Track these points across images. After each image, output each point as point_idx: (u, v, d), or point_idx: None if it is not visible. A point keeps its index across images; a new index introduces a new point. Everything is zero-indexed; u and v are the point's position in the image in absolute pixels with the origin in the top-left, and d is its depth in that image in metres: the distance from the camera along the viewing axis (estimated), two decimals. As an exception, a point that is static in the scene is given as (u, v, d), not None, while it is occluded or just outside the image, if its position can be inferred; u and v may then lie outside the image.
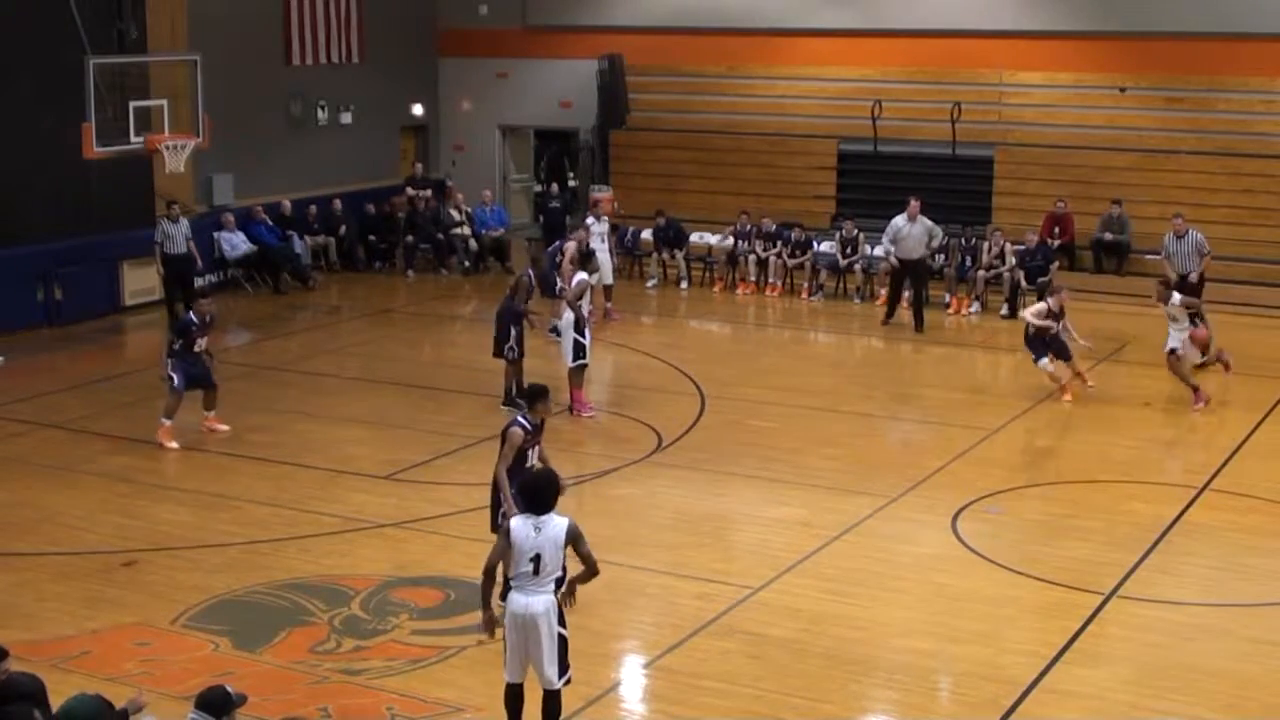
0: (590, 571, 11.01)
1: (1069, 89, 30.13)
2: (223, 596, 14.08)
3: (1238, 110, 28.81)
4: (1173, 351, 20.82)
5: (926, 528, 16.09)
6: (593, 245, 25.61)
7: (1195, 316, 21.32)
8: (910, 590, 14.39)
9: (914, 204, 25.96)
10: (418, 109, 35.52)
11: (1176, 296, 21.08)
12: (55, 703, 8.94)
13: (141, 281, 27.07)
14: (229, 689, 9.12)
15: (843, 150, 31.33)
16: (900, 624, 13.55)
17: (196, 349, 19.15)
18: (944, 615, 13.72)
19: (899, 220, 25.97)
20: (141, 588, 14.41)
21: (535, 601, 10.60)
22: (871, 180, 30.67)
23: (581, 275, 20.57)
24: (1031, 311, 21.44)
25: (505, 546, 10.69)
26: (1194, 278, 24.16)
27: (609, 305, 26.43)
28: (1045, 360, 20.97)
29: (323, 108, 32.76)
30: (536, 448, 13.80)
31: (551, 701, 10.83)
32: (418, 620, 13.47)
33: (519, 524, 10.71)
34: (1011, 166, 29.89)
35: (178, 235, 25.83)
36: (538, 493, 10.90)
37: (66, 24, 21.79)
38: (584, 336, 20.14)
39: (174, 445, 18.79)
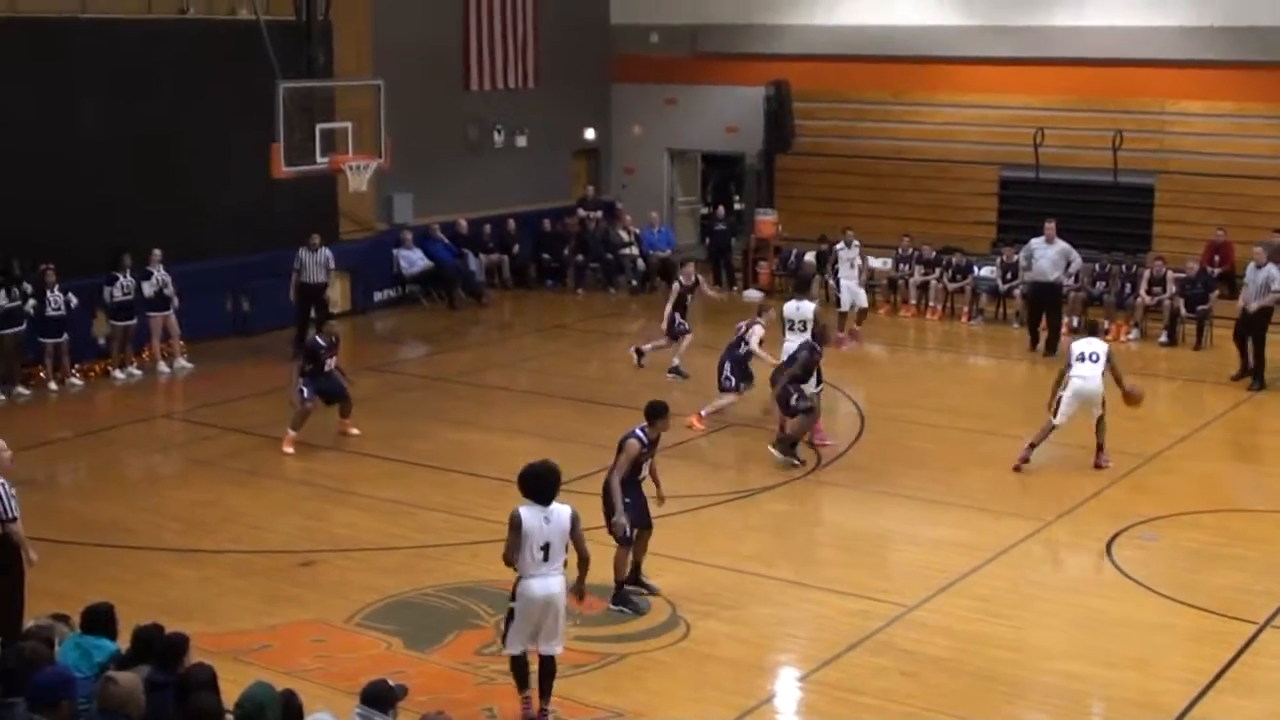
0: (582, 558, 11.74)
1: (1230, 118, 29.60)
2: (395, 597, 14.26)
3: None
4: None
5: (1081, 552, 15.90)
6: (841, 272, 26.25)
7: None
8: (1063, 614, 14.21)
9: (1050, 226, 25.75)
10: (590, 133, 35.73)
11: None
12: (231, 692, 9.11)
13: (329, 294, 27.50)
14: (390, 682, 9.20)
15: (1004, 177, 31.06)
16: (1053, 647, 13.38)
17: (327, 369, 19.65)
18: (1097, 639, 13.53)
19: (1036, 242, 25.80)
20: (318, 587, 14.64)
21: (554, 583, 11.30)
22: (1032, 207, 30.21)
23: (810, 303, 20.87)
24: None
25: (516, 539, 11.28)
26: (1252, 308, 23.52)
27: (857, 328, 26.47)
28: None
29: (499, 131, 33.06)
30: (649, 461, 14.16)
31: (551, 663, 11.53)
32: (580, 627, 13.52)
33: (529, 515, 11.29)
34: (1172, 194, 29.42)
35: (313, 264, 25.84)
36: (541, 482, 11.44)
37: (259, 50, 22.18)
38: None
39: (291, 451, 19.28)
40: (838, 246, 27.25)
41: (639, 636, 13.44)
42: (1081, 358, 18.73)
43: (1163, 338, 26.49)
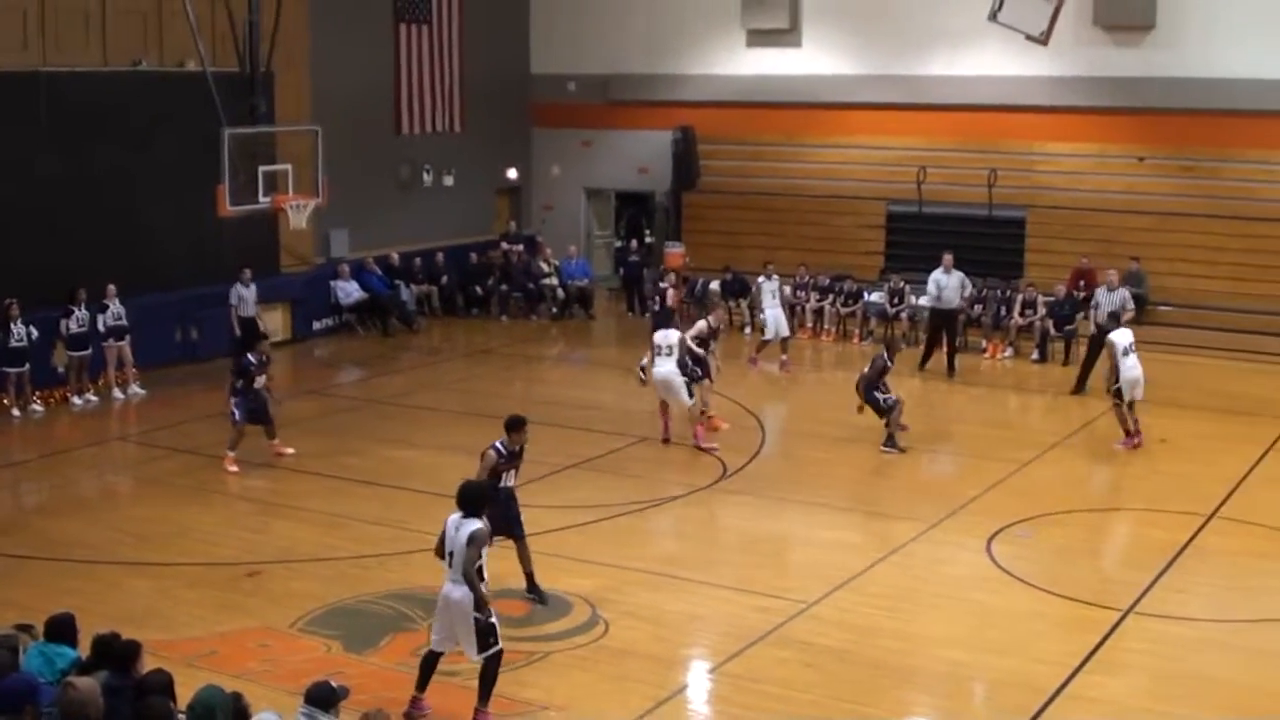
0: (465, 575, 11.35)
1: (1093, 158, 29.95)
2: (335, 604, 14.15)
3: (1242, 178, 28.53)
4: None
5: (964, 550, 15.99)
6: (765, 302, 26.04)
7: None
8: (949, 606, 14.32)
9: (948, 257, 25.82)
10: (512, 173, 35.68)
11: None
12: (183, 695, 9.01)
13: (266, 324, 27.28)
14: (333, 683, 9.12)
15: (890, 211, 31.24)
16: (940, 636, 13.47)
17: (256, 386, 19.32)
18: (978, 628, 13.64)
19: (938, 274, 25.74)
20: (263, 595, 14.51)
21: (455, 590, 11.34)
22: (916, 238, 30.50)
23: (675, 333, 20.55)
24: (691, 332, 20.83)
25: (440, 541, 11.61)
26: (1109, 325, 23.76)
27: (784, 357, 26.20)
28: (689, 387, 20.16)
29: (428, 171, 32.98)
30: (513, 471, 14.20)
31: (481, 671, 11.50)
32: (506, 628, 13.42)
33: (449, 523, 11.53)
34: (1041, 226, 29.72)
35: (249, 298, 25.82)
36: (466, 497, 11.64)
37: (205, 99, 22.03)
38: (686, 378, 20.06)
39: (234, 469, 18.95)
40: (760, 279, 27.31)
41: (563, 635, 13.41)
42: (1126, 351, 20.20)
43: (1034, 355, 26.76)
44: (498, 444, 14.03)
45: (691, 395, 20.17)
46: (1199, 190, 28.67)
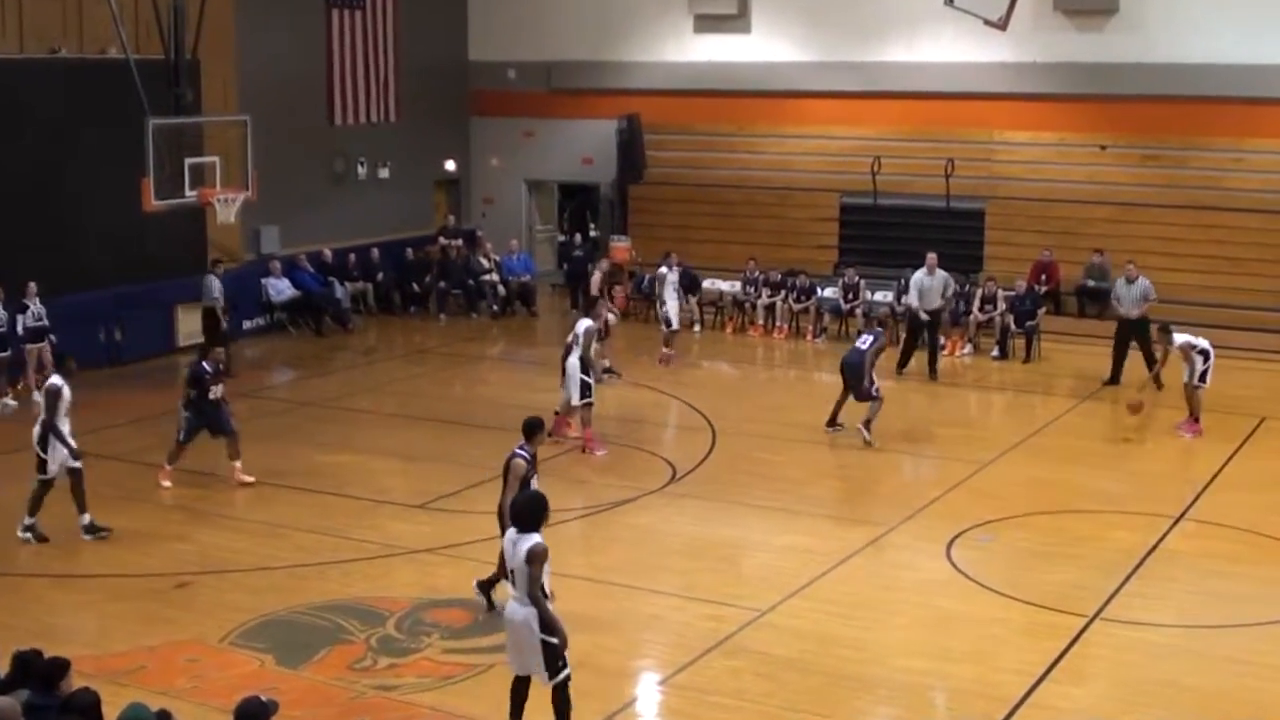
0: (531, 597, 10.92)
1: (1054, 147, 30.20)
2: (268, 616, 14.08)
3: (1207, 167, 28.85)
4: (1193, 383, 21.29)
5: (923, 554, 16.06)
6: (665, 294, 25.79)
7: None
8: (907, 613, 14.37)
9: (932, 257, 25.40)
10: (450, 165, 35.62)
11: (1177, 338, 21.26)
12: (109, 714, 8.94)
13: (194, 324, 27.11)
14: (262, 698, 9.04)
15: (844, 203, 31.38)
16: (898, 644, 13.53)
17: (212, 396, 18.46)
18: (939, 636, 13.70)
19: (920, 275, 25.36)
20: (193, 608, 14.43)
21: (518, 611, 10.88)
22: (871, 231, 30.71)
23: (587, 322, 20.55)
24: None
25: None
26: (1134, 315, 24.04)
27: (669, 351, 26.26)
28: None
29: (362, 164, 32.88)
30: (536, 477, 13.83)
31: (553, 696, 11.06)
32: (449, 640, 13.47)
33: (506, 540, 11.14)
34: (1001, 218, 29.92)
35: (215, 288, 25.77)
36: (525, 512, 11.08)
37: (129, 88, 21.90)
38: (589, 376, 20.16)
39: (168, 485, 18.46)
40: (660, 269, 27.33)
41: (504, 648, 13.37)
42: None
43: (995, 352, 26.88)
44: (521, 450, 13.77)
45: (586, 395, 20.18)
46: (1164, 180, 28.95)
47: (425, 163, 34.68)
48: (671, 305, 26.46)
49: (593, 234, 35.12)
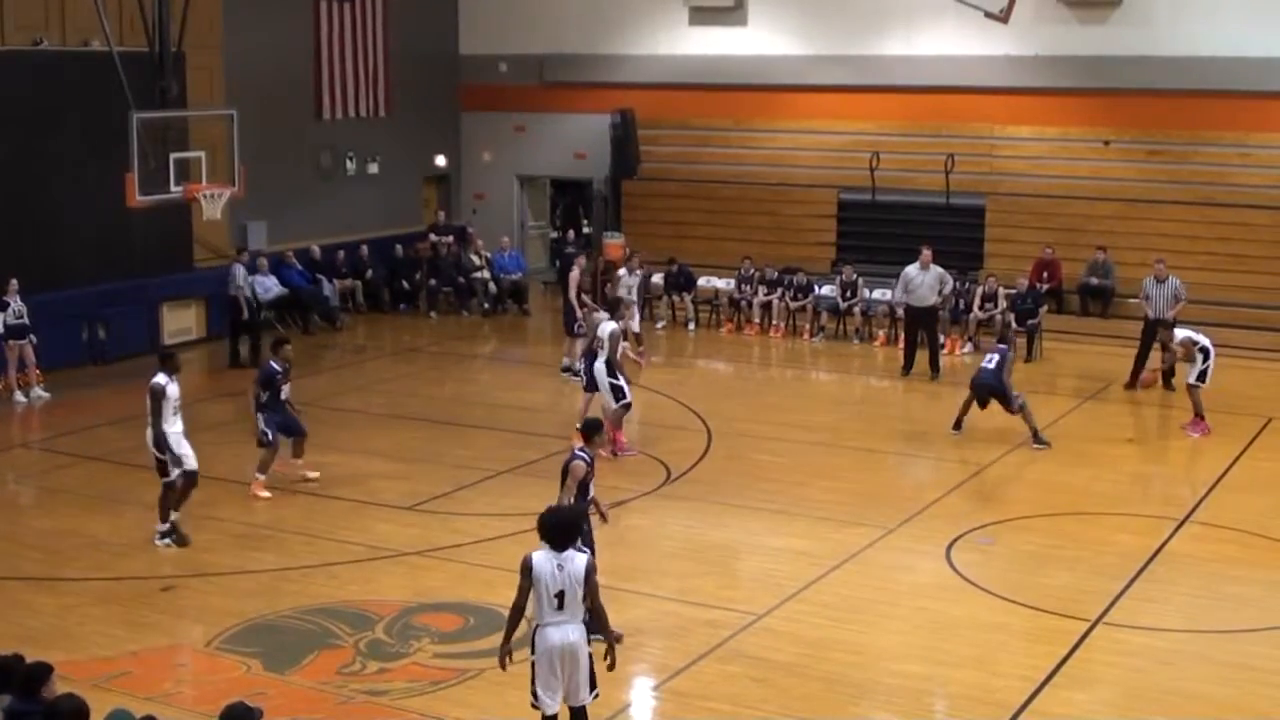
0: (594, 611, 10.64)
1: (1056, 142, 30.21)
2: (255, 620, 14.07)
3: (1214, 162, 28.87)
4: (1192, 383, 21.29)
5: (922, 557, 16.06)
6: (620, 295, 25.79)
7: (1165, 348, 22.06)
8: (906, 617, 14.37)
9: (926, 253, 25.27)
10: (440, 160, 35.63)
11: (1178, 333, 21.30)
12: (95, 721, 8.96)
13: (179, 322, 27.19)
14: (248, 704, 9.04)
15: (842, 199, 31.37)
16: (896, 649, 13.53)
17: (282, 397, 18.44)
18: (938, 641, 13.70)
19: (912, 269, 25.30)
20: (179, 612, 14.44)
21: (572, 631, 10.44)
22: (869, 228, 30.71)
23: (611, 324, 20.36)
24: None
25: (528, 584, 10.46)
26: (1169, 316, 24.04)
27: (642, 349, 26.25)
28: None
29: (351, 159, 32.89)
30: (593, 480, 13.55)
31: (582, 714, 10.73)
32: (438, 644, 13.47)
33: (541, 560, 10.44)
34: (1002, 215, 29.91)
35: (241, 278, 26.43)
36: (562, 529, 10.57)
37: (112, 81, 21.88)
38: (618, 379, 20.01)
39: (266, 495, 18.13)
40: (620, 272, 27.33)
41: (496, 652, 13.34)
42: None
43: (996, 351, 26.88)
44: (581, 452, 13.40)
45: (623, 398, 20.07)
46: (1169, 176, 28.97)
47: (415, 158, 34.69)
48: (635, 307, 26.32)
49: (586, 231, 35.14)
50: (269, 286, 29.19)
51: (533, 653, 10.62)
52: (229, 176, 23.47)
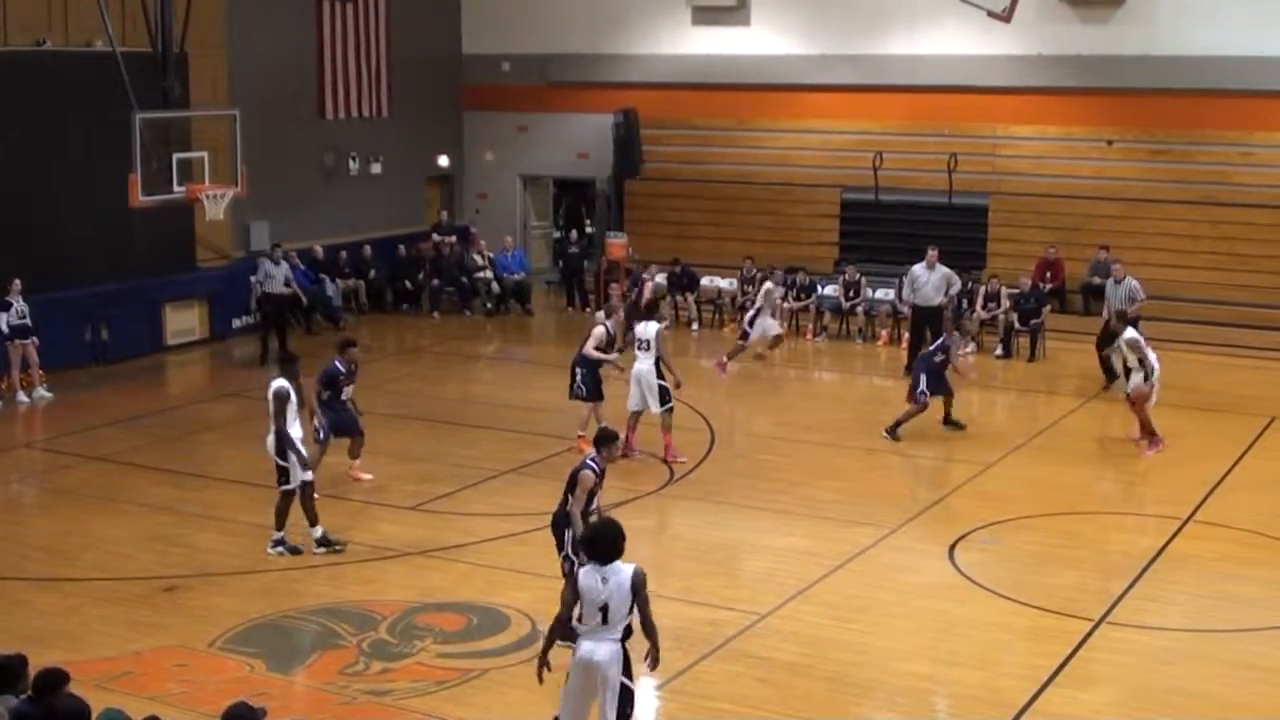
0: (644, 623, 10.43)
1: (1059, 141, 30.21)
2: (258, 621, 14.08)
3: (1216, 162, 28.86)
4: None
5: (925, 557, 16.06)
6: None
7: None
8: (910, 616, 14.37)
9: (932, 253, 25.22)
10: (443, 160, 35.63)
11: (1130, 332, 20.89)
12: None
13: (182, 322, 27.20)
14: (250, 704, 9.05)
15: (845, 199, 31.38)
16: (900, 649, 13.53)
17: (344, 397, 18.53)
18: (941, 640, 13.70)
19: (918, 269, 25.24)
20: (182, 612, 14.42)
21: (600, 648, 10.21)
22: (872, 227, 30.72)
23: (655, 325, 20.01)
24: (591, 341, 20.26)
25: (574, 597, 10.32)
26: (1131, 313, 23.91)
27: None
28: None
29: (354, 159, 32.89)
30: (601, 491, 13.46)
31: None
32: (442, 644, 13.47)
33: (586, 575, 10.27)
34: (1005, 214, 29.91)
35: (279, 275, 26.59)
36: (602, 543, 10.36)
37: (115, 82, 21.89)
38: (665, 380, 19.73)
39: (368, 477, 18.46)
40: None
41: (499, 651, 13.37)
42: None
43: (998, 351, 26.93)
44: (592, 462, 13.30)
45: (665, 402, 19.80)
46: (1171, 175, 28.97)
47: (418, 157, 34.70)
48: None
49: (589, 230, 35.15)
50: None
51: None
52: (232, 177, 23.49)
